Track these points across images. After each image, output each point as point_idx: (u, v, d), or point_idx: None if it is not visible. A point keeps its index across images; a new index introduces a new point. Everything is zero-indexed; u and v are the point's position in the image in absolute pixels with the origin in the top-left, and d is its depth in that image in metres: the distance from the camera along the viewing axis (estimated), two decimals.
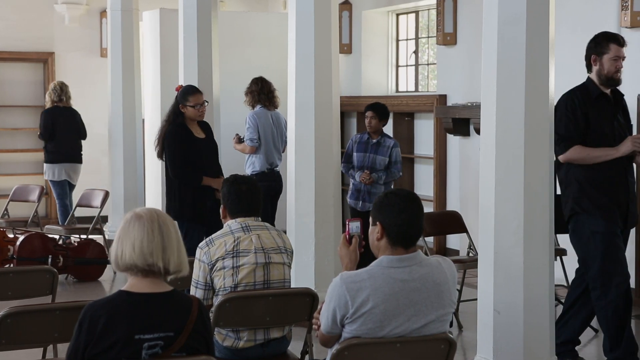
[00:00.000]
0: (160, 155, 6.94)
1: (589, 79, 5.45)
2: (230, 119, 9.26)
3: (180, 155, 6.68)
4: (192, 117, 6.84)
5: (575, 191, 5.34)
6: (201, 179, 6.68)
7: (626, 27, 7.45)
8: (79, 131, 10.15)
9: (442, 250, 9.65)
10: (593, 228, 5.26)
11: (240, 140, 8.30)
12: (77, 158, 10.13)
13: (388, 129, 10.57)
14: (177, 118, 6.82)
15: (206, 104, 6.92)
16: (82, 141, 10.26)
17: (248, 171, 8.22)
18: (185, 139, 6.75)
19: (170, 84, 9.47)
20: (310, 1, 6.69)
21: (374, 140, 7.72)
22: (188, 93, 6.86)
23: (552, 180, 5.00)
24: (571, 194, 5.37)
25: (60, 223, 10.04)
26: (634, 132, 7.52)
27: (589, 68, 5.46)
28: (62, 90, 10.02)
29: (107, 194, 9.68)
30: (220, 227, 4.57)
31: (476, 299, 5.83)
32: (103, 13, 12.01)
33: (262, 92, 8.32)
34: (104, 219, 10.16)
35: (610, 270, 5.23)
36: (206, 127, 7.00)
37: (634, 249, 7.41)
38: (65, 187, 10.06)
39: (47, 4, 12.11)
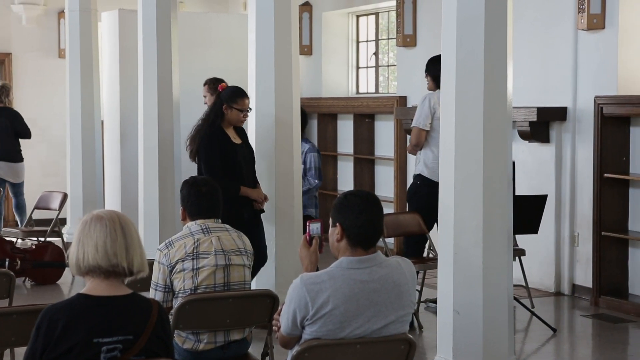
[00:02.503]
0: (193, 157, 6.47)
1: None
2: (190, 120, 9.10)
3: (218, 162, 6.23)
4: (232, 122, 6.38)
5: None
6: (239, 189, 6.23)
7: (583, 29, 7.53)
8: (15, 131, 10.04)
9: (403, 251, 9.67)
10: None
11: None
12: (11, 157, 10.03)
13: (348, 130, 10.63)
14: (216, 119, 6.37)
15: (250, 110, 6.47)
16: (27, 141, 10.18)
17: None
18: (223, 144, 6.30)
19: (129, 85, 9.40)
20: (270, 2, 6.69)
21: None
22: (237, 95, 6.41)
23: (511, 180, 5.03)
24: None
25: None
26: (591, 138, 7.61)
27: None
28: (4, 91, 9.97)
29: (65, 196, 9.61)
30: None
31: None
32: (61, 13, 11.88)
33: None
34: (63, 222, 10.06)
35: None
36: (242, 133, 6.55)
37: (592, 248, 7.50)
38: None
39: (3, 3, 11.95)
